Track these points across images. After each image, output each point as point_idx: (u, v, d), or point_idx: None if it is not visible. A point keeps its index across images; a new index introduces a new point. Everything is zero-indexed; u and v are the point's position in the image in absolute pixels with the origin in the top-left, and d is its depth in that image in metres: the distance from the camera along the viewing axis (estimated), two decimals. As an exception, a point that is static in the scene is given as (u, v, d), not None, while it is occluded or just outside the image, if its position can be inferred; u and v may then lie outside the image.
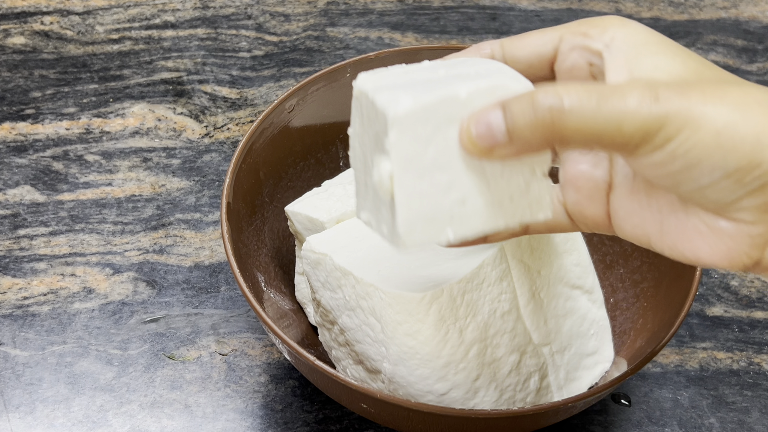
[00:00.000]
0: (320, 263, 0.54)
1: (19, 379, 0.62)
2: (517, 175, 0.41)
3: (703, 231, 0.39)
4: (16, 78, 0.81)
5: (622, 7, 0.90)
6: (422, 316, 0.50)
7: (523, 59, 0.44)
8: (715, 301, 0.68)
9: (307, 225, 0.59)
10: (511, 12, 0.89)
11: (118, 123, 0.78)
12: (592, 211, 0.44)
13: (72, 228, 0.71)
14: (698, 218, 0.39)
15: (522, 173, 0.41)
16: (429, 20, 0.88)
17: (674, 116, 0.36)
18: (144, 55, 0.83)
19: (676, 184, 0.38)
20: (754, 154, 0.36)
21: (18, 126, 0.77)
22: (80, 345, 0.64)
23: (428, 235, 0.40)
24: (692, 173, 0.37)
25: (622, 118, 0.37)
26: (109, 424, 0.61)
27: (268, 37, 0.86)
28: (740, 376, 0.65)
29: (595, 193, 0.43)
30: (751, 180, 0.37)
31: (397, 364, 0.52)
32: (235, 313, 0.66)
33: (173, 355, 0.64)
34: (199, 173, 0.75)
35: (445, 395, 0.52)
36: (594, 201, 0.44)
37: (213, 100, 0.80)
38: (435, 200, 0.40)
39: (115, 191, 0.73)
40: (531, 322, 0.55)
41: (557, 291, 0.56)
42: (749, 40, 0.88)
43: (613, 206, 0.43)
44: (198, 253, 0.70)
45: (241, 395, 0.62)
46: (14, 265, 0.68)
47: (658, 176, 0.38)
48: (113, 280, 0.68)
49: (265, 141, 0.62)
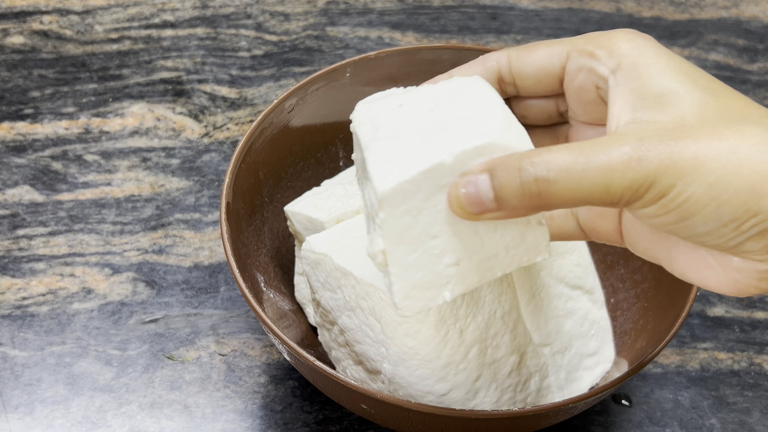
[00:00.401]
0: (320, 263, 0.54)
1: (18, 379, 0.62)
2: (512, 228, 0.41)
3: (711, 263, 0.39)
4: (15, 78, 0.81)
5: (623, 6, 0.90)
6: (422, 316, 0.50)
7: (531, 75, 0.44)
8: (716, 301, 0.68)
9: (306, 225, 0.59)
10: (512, 11, 0.89)
11: (117, 123, 0.78)
12: (605, 228, 0.44)
13: (71, 228, 0.71)
14: (707, 251, 0.39)
15: (517, 225, 0.41)
16: (429, 20, 0.88)
17: (664, 172, 0.36)
18: (143, 55, 0.83)
19: (674, 231, 0.38)
20: (749, 204, 0.36)
21: (17, 126, 0.77)
22: (79, 345, 0.64)
23: (425, 299, 0.41)
24: (688, 223, 0.37)
25: (609, 182, 0.36)
26: (109, 425, 0.60)
27: (268, 37, 0.86)
28: (741, 376, 0.64)
29: (606, 212, 0.43)
30: (749, 228, 0.36)
31: (397, 364, 0.52)
32: (234, 313, 0.66)
33: (172, 355, 0.64)
34: (199, 173, 0.75)
35: (446, 396, 0.52)
36: (606, 219, 0.44)
37: (212, 100, 0.80)
38: (430, 268, 0.40)
39: (114, 191, 0.73)
40: (531, 323, 0.55)
41: (558, 291, 0.56)
42: (750, 40, 0.88)
43: (625, 227, 0.43)
44: (197, 254, 0.70)
45: (241, 396, 0.62)
46: (13, 265, 0.68)
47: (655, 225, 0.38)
48: (112, 281, 0.68)
49: (264, 141, 0.62)
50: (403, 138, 0.41)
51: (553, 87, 0.44)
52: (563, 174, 0.36)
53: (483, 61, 0.45)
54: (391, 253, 0.40)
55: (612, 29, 0.43)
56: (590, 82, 0.42)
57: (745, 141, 0.36)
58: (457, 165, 0.39)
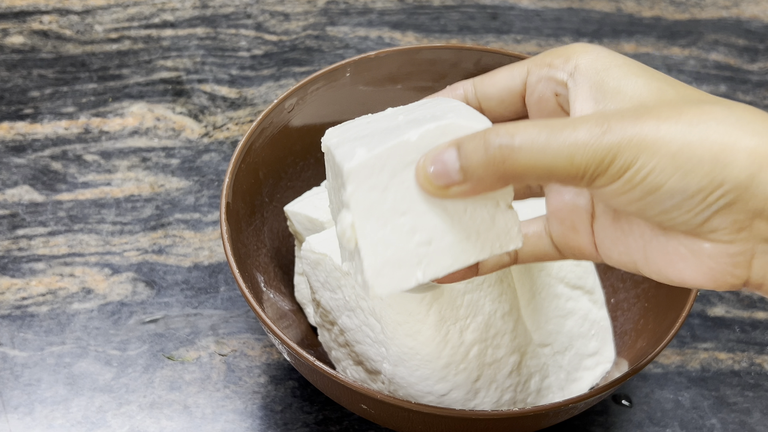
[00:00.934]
0: (320, 263, 0.54)
1: (18, 379, 0.62)
2: (481, 210, 0.41)
3: (684, 254, 0.39)
4: (15, 77, 0.81)
5: (623, 6, 0.90)
6: (422, 316, 0.50)
7: (494, 96, 0.45)
8: (717, 301, 0.68)
9: (306, 225, 0.58)
10: (512, 11, 0.89)
11: (116, 123, 0.78)
12: (578, 242, 0.44)
13: (71, 228, 0.71)
14: (678, 241, 0.39)
15: (486, 207, 0.41)
16: (429, 19, 0.88)
17: (627, 144, 0.37)
18: (143, 55, 0.83)
19: (642, 210, 0.38)
20: (714, 173, 0.36)
21: (16, 126, 0.77)
22: (79, 345, 0.64)
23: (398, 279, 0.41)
24: (655, 198, 0.37)
25: (573, 152, 0.37)
26: (108, 425, 0.60)
27: (268, 37, 0.86)
28: (742, 376, 0.64)
29: (579, 224, 0.44)
30: (716, 200, 0.37)
31: (398, 364, 0.52)
32: (234, 313, 0.66)
33: (172, 355, 0.64)
34: (199, 173, 0.75)
35: (446, 396, 0.52)
36: (579, 232, 0.44)
37: (212, 100, 0.80)
38: (400, 245, 0.41)
39: (113, 191, 0.73)
40: (532, 323, 0.55)
41: (558, 291, 0.56)
42: (751, 40, 0.88)
43: (598, 235, 0.43)
44: (197, 254, 0.70)
45: (241, 396, 0.62)
46: (13, 265, 0.68)
47: (622, 204, 0.38)
48: (112, 281, 0.68)
49: (264, 141, 0.62)
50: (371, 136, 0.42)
51: (516, 106, 0.46)
52: (527, 142, 0.37)
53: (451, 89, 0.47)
54: (360, 228, 0.40)
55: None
56: (549, 90, 0.43)
57: (705, 116, 0.37)
58: (421, 143, 0.40)
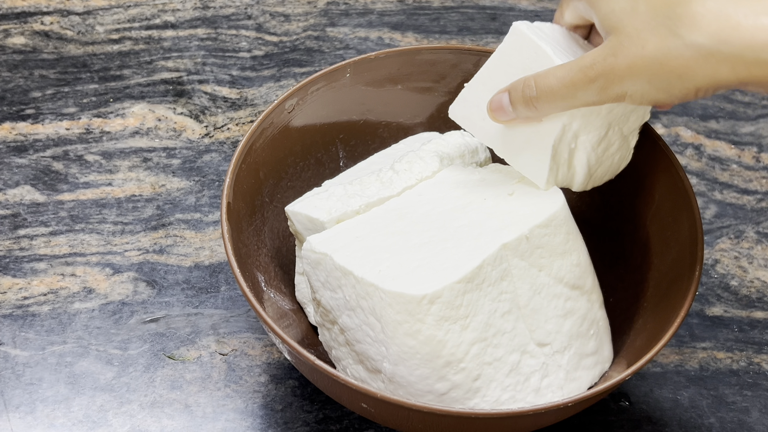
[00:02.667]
0: (320, 263, 0.54)
1: (20, 379, 0.63)
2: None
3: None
4: (17, 78, 0.81)
5: (622, 7, 0.90)
6: (422, 315, 0.50)
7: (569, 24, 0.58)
8: (715, 301, 0.68)
9: (307, 225, 0.59)
10: (511, 12, 0.89)
11: (118, 123, 0.78)
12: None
13: (72, 228, 0.71)
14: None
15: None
16: (429, 20, 0.88)
17: None
18: (144, 55, 0.83)
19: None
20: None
21: (18, 126, 0.77)
22: (80, 345, 0.64)
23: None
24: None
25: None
26: (109, 424, 0.61)
27: (268, 37, 0.86)
28: (740, 376, 0.65)
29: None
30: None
31: (398, 363, 0.52)
32: (235, 313, 0.66)
33: (173, 355, 0.64)
34: (199, 173, 0.75)
35: (446, 395, 0.52)
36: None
37: (213, 100, 0.80)
38: None
39: (115, 191, 0.73)
40: (531, 322, 0.55)
41: (557, 291, 0.56)
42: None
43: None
44: (198, 253, 0.70)
45: (241, 395, 0.62)
46: (14, 265, 0.68)
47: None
48: (113, 280, 0.68)
49: (265, 141, 0.62)
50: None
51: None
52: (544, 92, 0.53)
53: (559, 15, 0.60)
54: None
55: None
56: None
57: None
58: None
